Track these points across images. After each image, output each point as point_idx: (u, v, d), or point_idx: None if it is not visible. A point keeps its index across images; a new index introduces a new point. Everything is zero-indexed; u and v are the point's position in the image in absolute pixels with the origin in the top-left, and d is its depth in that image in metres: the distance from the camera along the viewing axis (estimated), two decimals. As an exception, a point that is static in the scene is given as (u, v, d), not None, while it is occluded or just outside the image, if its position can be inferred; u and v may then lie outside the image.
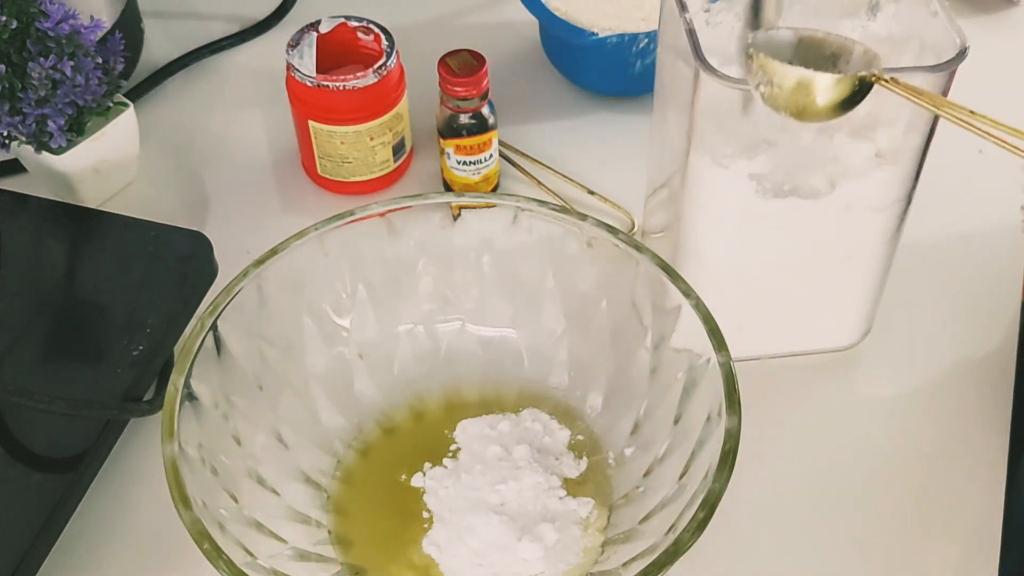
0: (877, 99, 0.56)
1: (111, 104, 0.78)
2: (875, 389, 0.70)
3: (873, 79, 0.51)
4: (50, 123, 0.73)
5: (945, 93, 0.58)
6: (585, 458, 0.63)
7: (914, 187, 0.63)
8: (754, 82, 0.53)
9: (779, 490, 0.65)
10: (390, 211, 0.64)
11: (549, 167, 0.83)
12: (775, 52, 0.53)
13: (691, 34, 0.58)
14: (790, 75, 0.52)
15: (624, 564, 0.55)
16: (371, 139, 0.78)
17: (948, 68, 0.56)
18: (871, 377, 0.70)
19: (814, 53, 0.53)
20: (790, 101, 0.52)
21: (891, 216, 0.64)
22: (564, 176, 0.82)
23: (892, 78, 0.51)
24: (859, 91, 0.52)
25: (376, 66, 0.76)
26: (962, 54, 0.56)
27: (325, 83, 0.76)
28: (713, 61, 0.59)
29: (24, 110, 0.73)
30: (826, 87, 0.51)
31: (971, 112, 0.48)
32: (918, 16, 0.60)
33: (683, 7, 0.59)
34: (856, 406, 0.69)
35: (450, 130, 0.77)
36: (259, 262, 0.61)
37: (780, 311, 0.68)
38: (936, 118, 0.59)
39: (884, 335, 0.71)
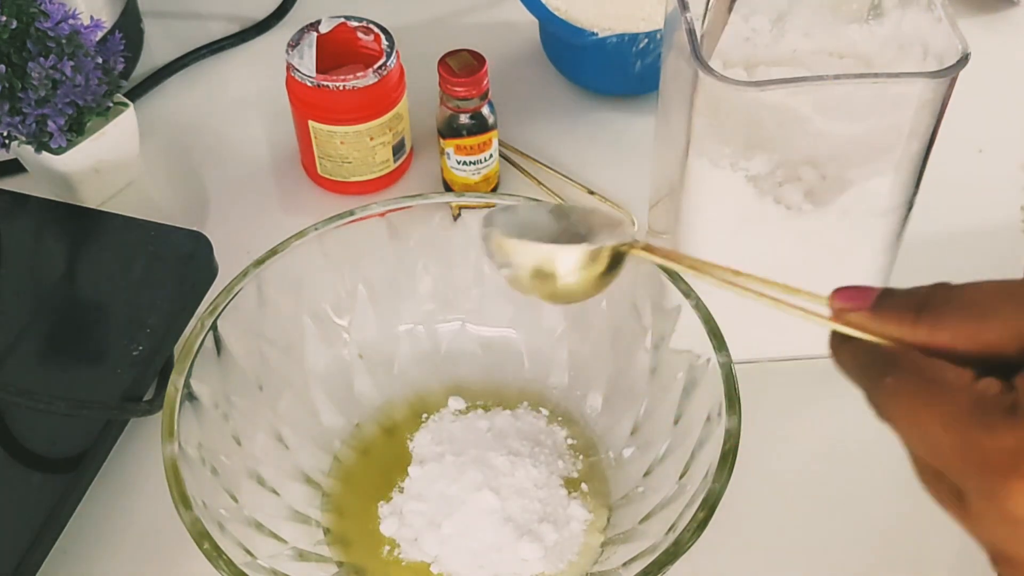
0: (877, 101, 0.56)
1: (111, 104, 0.78)
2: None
3: (626, 249, 0.44)
4: (50, 123, 0.73)
5: (947, 97, 0.58)
6: (585, 458, 0.63)
7: (915, 193, 0.63)
8: (496, 264, 0.45)
9: (779, 490, 0.65)
10: (390, 211, 0.64)
11: (549, 167, 0.83)
12: (515, 230, 0.45)
13: (691, 34, 0.58)
14: (529, 252, 0.44)
15: (624, 564, 0.55)
16: (371, 139, 0.78)
17: (949, 75, 0.57)
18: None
19: (563, 227, 0.47)
20: (534, 283, 0.44)
21: (891, 221, 0.64)
22: (564, 176, 0.82)
23: (647, 245, 0.44)
24: (612, 263, 0.44)
25: (376, 66, 0.76)
26: (963, 61, 0.56)
27: (325, 83, 0.76)
28: (716, 63, 0.59)
29: (24, 110, 0.73)
30: (572, 261, 0.43)
31: (736, 272, 0.41)
32: (923, 22, 0.60)
33: (684, 7, 0.59)
34: (856, 408, 0.69)
35: (450, 130, 0.77)
36: (259, 262, 0.61)
37: (780, 314, 0.68)
38: (938, 123, 0.59)
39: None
